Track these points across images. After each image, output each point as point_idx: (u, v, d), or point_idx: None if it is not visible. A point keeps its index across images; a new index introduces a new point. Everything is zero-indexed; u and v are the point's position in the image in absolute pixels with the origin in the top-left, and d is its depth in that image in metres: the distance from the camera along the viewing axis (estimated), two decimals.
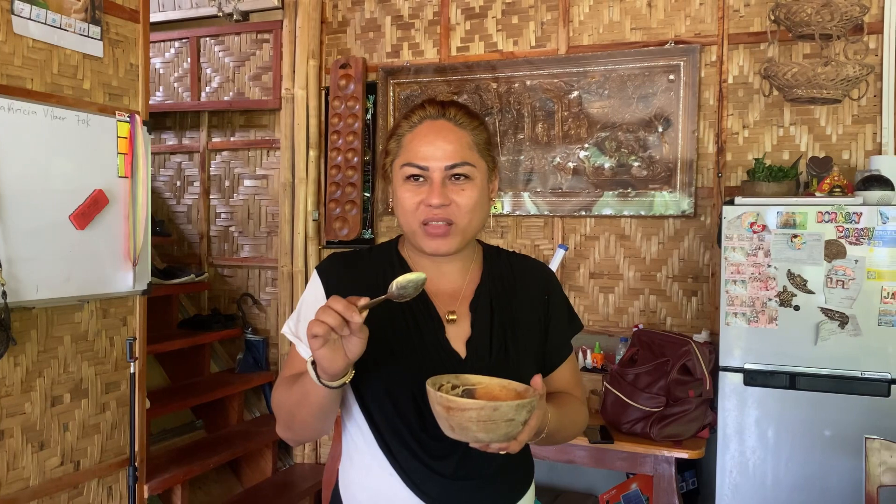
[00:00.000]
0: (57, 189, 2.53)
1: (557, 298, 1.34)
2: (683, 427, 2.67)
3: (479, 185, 1.22)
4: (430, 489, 1.19)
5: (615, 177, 3.42)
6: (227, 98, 4.25)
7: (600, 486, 3.39)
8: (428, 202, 1.18)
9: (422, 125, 1.22)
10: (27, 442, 2.52)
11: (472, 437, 1.04)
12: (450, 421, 1.04)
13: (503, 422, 1.02)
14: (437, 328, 1.22)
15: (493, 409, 1.01)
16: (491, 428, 1.02)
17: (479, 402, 1.02)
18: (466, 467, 1.20)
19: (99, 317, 2.77)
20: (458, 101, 1.28)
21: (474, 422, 1.02)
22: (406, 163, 1.20)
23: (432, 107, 1.23)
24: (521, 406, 1.03)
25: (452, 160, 1.19)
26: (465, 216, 1.20)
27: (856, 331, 2.53)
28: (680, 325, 3.34)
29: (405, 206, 1.20)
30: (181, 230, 4.45)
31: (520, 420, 1.04)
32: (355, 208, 3.89)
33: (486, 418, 1.01)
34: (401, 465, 1.20)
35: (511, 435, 1.04)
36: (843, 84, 2.72)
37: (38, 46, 2.49)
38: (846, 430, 2.53)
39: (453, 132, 1.21)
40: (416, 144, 1.21)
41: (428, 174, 1.19)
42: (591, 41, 3.48)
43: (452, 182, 1.19)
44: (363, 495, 1.25)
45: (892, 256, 2.49)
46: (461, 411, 1.02)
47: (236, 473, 3.86)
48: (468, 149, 1.21)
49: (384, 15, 3.87)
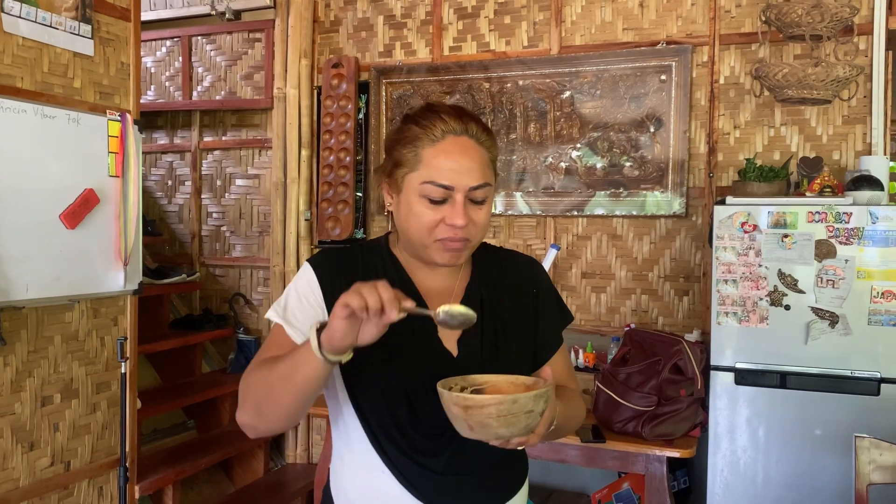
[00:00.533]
0: (47, 188, 2.52)
1: (546, 292, 1.36)
2: (675, 426, 2.68)
3: (491, 201, 1.23)
4: (422, 485, 1.20)
5: (607, 177, 3.42)
6: (218, 97, 4.24)
7: (592, 485, 3.40)
8: (451, 222, 1.16)
9: (445, 141, 1.18)
10: (17, 442, 2.50)
11: (493, 434, 1.02)
12: (469, 421, 1.02)
13: (523, 414, 1.01)
14: (430, 327, 1.22)
15: (512, 402, 1.00)
16: (512, 422, 1.01)
17: (497, 397, 1.01)
18: (458, 463, 1.21)
19: (90, 317, 2.76)
20: (468, 110, 1.27)
21: (494, 417, 1.00)
22: (429, 181, 1.17)
23: (454, 120, 1.19)
24: (539, 396, 1.02)
25: (477, 181, 1.17)
26: (479, 233, 1.22)
27: (846, 330, 2.54)
28: (671, 324, 3.35)
29: (423, 223, 1.18)
30: (172, 230, 4.43)
31: (538, 410, 1.03)
32: (347, 208, 3.88)
33: (507, 412, 1.00)
34: (392, 462, 1.20)
35: (531, 427, 1.03)
36: (833, 85, 2.74)
37: (28, 45, 2.48)
38: (836, 429, 2.54)
39: (476, 150, 1.19)
40: (440, 162, 1.17)
41: (451, 194, 1.17)
42: (583, 41, 3.48)
43: (472, 201, 1.19)
44: (354, 494, 1.25)
45: (882, 256, 2.51)
46: (480, 408, 1.00)
47: (228, 474, 3.85)
48: (486, 168, 1.20)
49: (376, 14, 3.87)
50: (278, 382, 1.09)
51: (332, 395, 1.27)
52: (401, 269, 1.28)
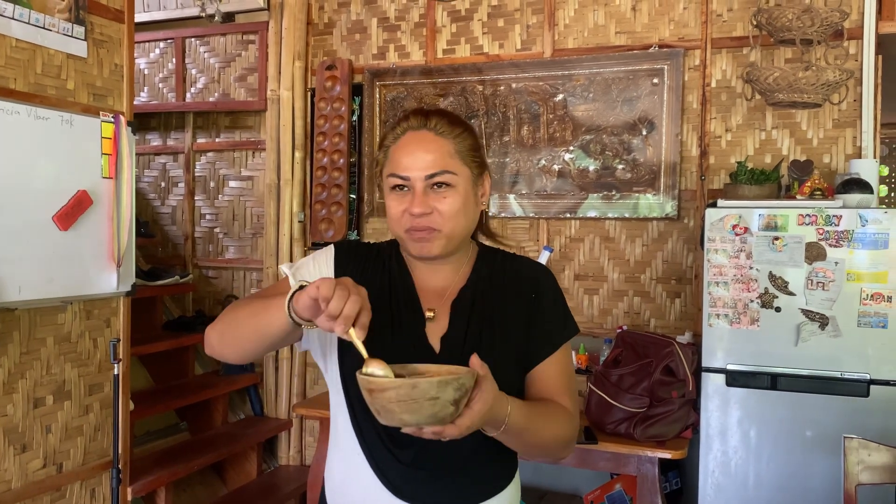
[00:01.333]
0: (40, 189, 2.51)
1: (547, 299, 1.34)
2: (667, 427, 2.69)
3: (461, 191, 1.25)
4: (392, 476, 1.23)
5: (600, 179, 3.44)
6: (212, 99, 4.24)
7: (584, 486, 3.41)
8: (410, 211, 1.23)
9: (405, 136, 1.27)
10: (9, 444, 2.50)
11: (398, 421, 0.99)
12: (374, 404, 0.99)
13: (425, 401, 0.96)
14: (419, 323, 1.27)
15: (411, 387, 0.96)
16: (414, 408, 0.96)
17: (396, 381, 0.97)
18: (426, 457, 1.22)
19: (82, 318, 2.75)
20: (443, 109, 1.32)
21: (395, 402, 0.96)
22: (390, 173, 1.26)
23: (415, 118, 1.27)
24: (443, 382, 0.96)
25: (432, 169, 1.23)
26: (447, 222, 1.24)
27: (836, 332, 2.56)
28: (663, 326, 3.37)
29: (391, 215, 1.27)
30: (166, 231, 4.43)
31: (446, 399, 0.97)
32: (341, 210, 3.89)
33: (406, 397, 0.96)
34: (369, 448, 1.24)
35: (440, 416, 0.98)
36: (823, 88, 2.76)
37: (21, 46, 2.48)
38: (826, 430, 2.56)
39: (434, 142, 1.25)
40: (398, 155, 1.25)
41: (410, 184, 1.23)
42: (575, 45, 3.50)
43: (434, 190, 1.23)
44: (338, 478, 1.30)
45: (872, 258, 2.53)
46: (381, 392, 0.97)
47: (221, 476, 3.85)
48: (449, 157, 1.25)
49: (370, 17, 3.88)
50: (247, 316, 1.18)
51: (330, 379, 1.32)
52: (403, 266, 1.33)
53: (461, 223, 1.26)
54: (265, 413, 4.04)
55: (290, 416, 3.96)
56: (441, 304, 1.29)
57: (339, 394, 1.29)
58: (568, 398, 1.31)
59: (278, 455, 4.02)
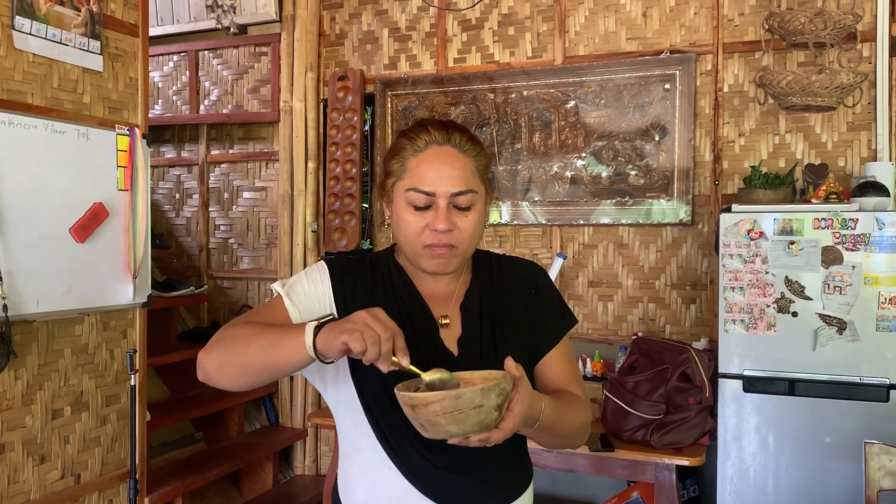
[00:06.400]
0: (57, 202, 2.54)
1: (545, 293, 1.38)
2: (684, 434, 2.68)
3: (479, 209, 1.26)
4: (429, 482, 1.22)
5: (612, 185, 3.43)
6: (225, 111, 4.27)
7: (601, 494, 3.39)
8: (434, 227, 1.21)
9: (427, 150, 1.24)
10: (28, 455, 2.52)
11: (445, 433, 0.99)
12: (419, 419, 0.99)
13: (470, 410, 0.96)
14: (433, 329, 1.28)
15: (455, 398, 0.96)
16: (460, 419, 0.96)
17: (440, 394, 0.97)
18: (463, 460, 1.22)
19: (99, 329, 2.78)
20: (457, 122, 1.32)
21: (440, 415, 0.96)
22: (412, 188, 1.23)
23: (437, 131, 1.25)
24: (486, 390, 0.97)
25: (458, 188, 1.22)
26: (465, 240, 1.25)
27: (854, 336, 2.54)
28: (679, 332, 3.35)
29: (409, 229, 1.24)
30: (180, 243, 4.46)
31: (490, 405, 0.98)
32: (354, 219, 3.90)
33: (451, 408, 0.96)
34: (401, 458, 1.22)
35: (486, 423, 0.99)
36: (837, 92, 2.75)
37: (38, 61, 2.51)
38: (846, 436, 2.53)
39: (458, 159, 1.24)
40: (422, 170, 1.23)
41: (434, 200, 1.22)
42: (586, 51, 3.50)
43: (456, 208, 1.23)
44: (362, 492, 1.27)
45: (889, 262, 2.51)
46: (425, 406, 0.97)
47: (237, 485, 3.85)
48: (471, 175, 1.25)
49: (381, 27, 3.90)
50: (256, 350, 1.12)
51: (340, 397, 1.29)
52: (405, 276, 1.32)
53: (476, 240, 1.28)
54: (280, 423, 4.04)
55: (305, 425, 3.97)
56: (450, 309, 1.31)
57: (356, 411, 1.26)
58: (577, 386, 1.36)
59: (294, 465, 4.02)
